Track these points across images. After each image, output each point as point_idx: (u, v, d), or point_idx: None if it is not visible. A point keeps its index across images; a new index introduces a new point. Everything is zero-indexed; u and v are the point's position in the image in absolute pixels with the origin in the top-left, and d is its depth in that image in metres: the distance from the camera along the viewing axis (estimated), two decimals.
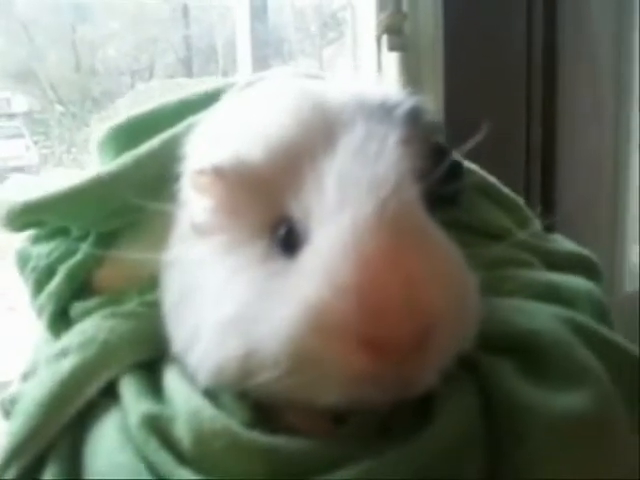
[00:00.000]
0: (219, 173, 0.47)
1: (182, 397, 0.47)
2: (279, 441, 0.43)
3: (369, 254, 0.40)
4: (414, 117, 0.50)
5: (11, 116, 2.06)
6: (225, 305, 0.45)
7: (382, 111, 0.48)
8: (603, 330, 0.52)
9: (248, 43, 1.28)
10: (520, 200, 0.68)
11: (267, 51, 1.41)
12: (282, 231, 0.45)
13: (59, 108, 1.97)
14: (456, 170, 0.55)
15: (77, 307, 0.59)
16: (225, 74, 1.51)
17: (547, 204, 1.08)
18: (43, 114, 2.04)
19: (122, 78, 2.11)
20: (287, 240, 0.45)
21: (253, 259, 0.46)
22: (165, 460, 0.44)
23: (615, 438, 0.46)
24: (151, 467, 0.44)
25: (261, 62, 1.29)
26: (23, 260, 0.63)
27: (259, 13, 1.36)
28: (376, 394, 0.42)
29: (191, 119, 0.57)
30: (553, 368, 0.48)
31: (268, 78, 0.58)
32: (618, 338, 0.52)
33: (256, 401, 0.47)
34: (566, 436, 0.44)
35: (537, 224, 0.67)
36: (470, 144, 0.50)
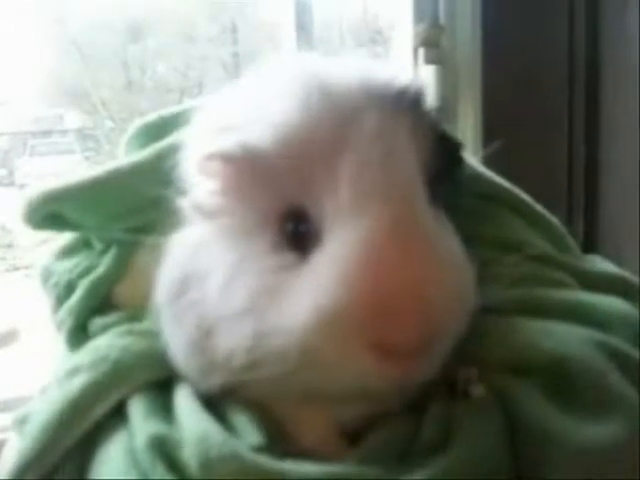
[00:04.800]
0: (228, 158, 0.47)
1: (191, 420, 0.46)
2: (290, 466, 0.42)
3: (381, 263, 0.41)
4: (419, 102, 0.50)
5: (64, 132, 2.12)
6: (235, 294, 0.46)
7: (390, 99, 0.47)
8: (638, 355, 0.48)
9: None
10: (554, 219, 0.65)
11: None
12: (292, 224, 0.46)
13: (109, 124, 2.01)
14: (456, 151, 0.55)
15: (96, 322, 0.59)
16: None
17: (590, 223, 1.04)
18: (94, 130, 2.09)
19: (171, 95, 2.14)
20: (297, 234, 0.45)
21: (262, 249, 0.46)
22: None
23: None
24: None
25: None
26: (46, 276, 0.64)
27: (305, 29, 1.36)
28: (379, 387, 0.43)
29: None
30: (583, 395, 0.45)
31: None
32: None
33: (268, 422, 0.46)
34: (594, 468, 0.41)
35: (573, 243, 0.64)
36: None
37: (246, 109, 0.49)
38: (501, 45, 1.02)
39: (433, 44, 1.02)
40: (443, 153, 0.49)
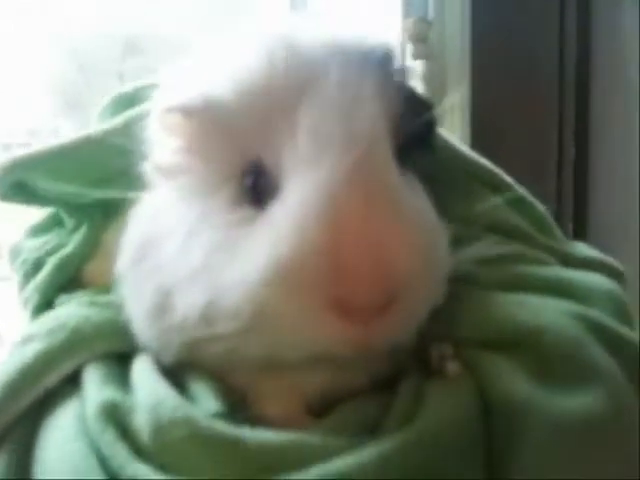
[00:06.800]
0: (188, 112, 0.46)
1: (146, 387, 0.44)
2: (246, 432, 0.40)
3: (340, 214, 0.40)
4: (388, 63, 0.48)
5: None
6: (191, 252, 0.44)
7: (357, 56, 0.46)
8: (618, 327, 0.47)
9: None
10: (540, 205, 0.63)
11: None
12: (251, 178, 0.44)
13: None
14: (425, 107, 0.52)
15: (62, 299, 0.58)
16: None
17: (579, 220, 1.03)
18: None
19: None
20: (256, 188, 0.44)
21: (221, 205, 0.45)
22: (119, 454, 0.41)
23: (629, 438, 0.41)
24: (104, 463, 0.41)
25: None
26: (15, 254, 0.63)
27: None
28: (340, 351, 0.41)
29: None
30: (558, 367, 0.43)
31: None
32: (636, 335, 0.47)
33: (230, 393, 0.44)
34: (570, 440, 0.40)
35: (557, 228, 0.63)
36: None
37: (209, 64, 0.48)
38: (490, 40, 1.01)
39: (421, 39, 1.01)
40: (413, 115, 0.47)
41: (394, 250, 0.40)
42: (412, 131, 0.47)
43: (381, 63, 0.48)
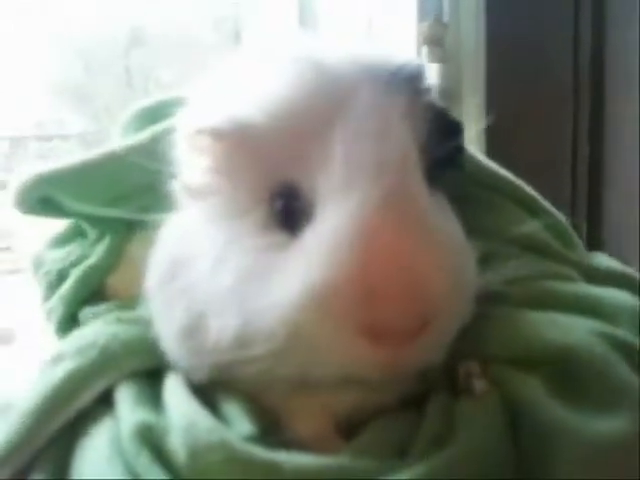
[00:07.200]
0: (218, 134, 0.46)
1: (179, 407, 0.44)
2: (282, 457, 0.40)
3: (372, 242, 0.40)
4: (416, 81, 0.48)
5: (64, 137, 2.11)
6: (223, 275, 0.44)
7: (385, 75, 0.46)
8: None
9: None
10: (560, 215, 0.64)
11: None
12: (282, 201, 0.45)
13: (111, 129, 2.00)
14: (455, 129, 0.52)
15: (86, 312, 0.58)
16: None
17: (594, 223, 1.02)
18: (96, 135, 2.08)
19: None
20: (288, 211, 0.44)
21: (252, 227, 0.45)
22: (157, 476, 0.41)
23: None
24: None
25: None
26: (37, 264, 0.63)
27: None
28: (371, 373, 0.42)
29: None
30: (588, 387, 0.43)
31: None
32: None
33: (261, 413, 0.45)
34: (602, 462, 0.40)
35: (578, 240, 0.63)
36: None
37: (238, 85, 0.48)
38: (506, 43, 1.01)
39: (437, 42, 1.01)
40: (442, 134, 0.48)
41: (425, 274, 0.40)
42: (441, 151, 0.47)
43: (410, 82, 0.48)
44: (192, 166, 0.48)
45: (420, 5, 1.04)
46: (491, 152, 0.62)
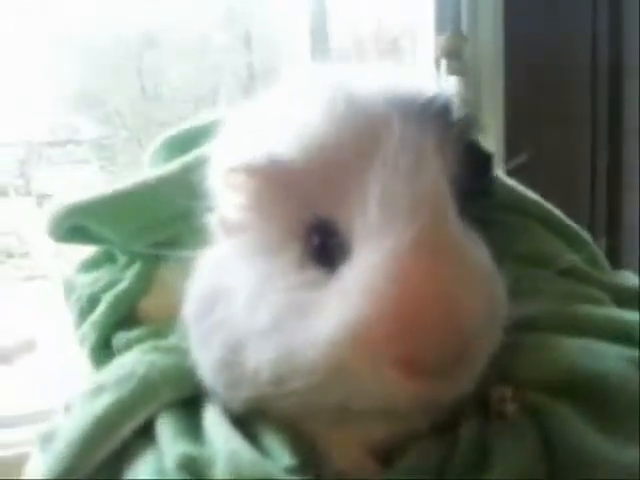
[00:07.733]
0: (252, 171, 0.46)
1: (221, 438, 0.45)
2: None
3: (409, 275, 0.40)
4: (447, 113, 0.48)
5: (78, 142, 2.11)
6: (260, 312, 0.45)
7: (416, 108, 0.46)
8: None
9: None
10: (585, 234, 0.64)
11: None
12: (318, 238, 0.45)
13: (124, 134, 2.01)
14: (486, 160, 0.53)
15: (120, 337, 0.58)
16: None
17: (613, 230, 1.02)
18: (109, 140, 2.08)
19: (186, 104, 2.14)
20: (325, 248, 0.45)
21: (287, 264, 0.45)
22: None
23: None
24: None
25: None
26: (69, 290, 0.63)
27: (320, 40, 1.35)
28: (406, 406, 0.42)
29: None
30: (621, 415, 0.44)
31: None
32: None
33: (299, 444, 0.45)
34: None
35: (603, 258, 0.63)
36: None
37: (270, 121, 0.48)
38: (524, 55, 1.00)
39: (455, 55, 1.00)
40: (473, 164, 0.48)
41: (461, 311, 0.41)
42: (471, 181, 0.47)
43: (440, 114, 0.47)
44: (226, 201, 0.49)
45: (438, 17, 1.04)
46: (511, 167, 0.62)
